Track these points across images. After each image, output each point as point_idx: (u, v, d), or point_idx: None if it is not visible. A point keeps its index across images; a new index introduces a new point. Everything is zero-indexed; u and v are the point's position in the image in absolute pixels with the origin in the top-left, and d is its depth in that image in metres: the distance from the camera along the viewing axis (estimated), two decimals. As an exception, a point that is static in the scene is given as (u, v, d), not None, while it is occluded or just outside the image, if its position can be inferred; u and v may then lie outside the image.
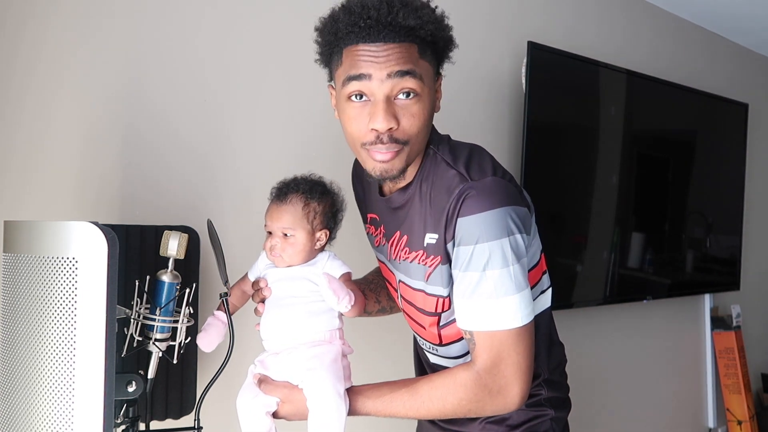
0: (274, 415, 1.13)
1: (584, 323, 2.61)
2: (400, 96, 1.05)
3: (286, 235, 1.17)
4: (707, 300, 3.30)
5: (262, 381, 1.14)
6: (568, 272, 2.49)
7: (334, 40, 1.08)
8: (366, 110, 1.05)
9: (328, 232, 1.21)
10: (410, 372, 1.44)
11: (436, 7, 1.09)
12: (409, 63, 1.04)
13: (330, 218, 1.21)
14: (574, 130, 2.54)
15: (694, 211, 3.14)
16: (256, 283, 1.22)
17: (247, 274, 1.26)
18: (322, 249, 1.21)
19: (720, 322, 3.30)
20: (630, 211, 2.79)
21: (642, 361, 2.95)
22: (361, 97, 1.05)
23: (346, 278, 1.19)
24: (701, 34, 3.26)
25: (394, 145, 1.06)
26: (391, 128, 1.04)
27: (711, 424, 3.29)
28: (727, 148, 3.29)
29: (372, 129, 1.05)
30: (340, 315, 1.19)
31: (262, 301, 1.20)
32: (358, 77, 1.04)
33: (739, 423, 3.19)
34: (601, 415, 2.71)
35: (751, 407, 3.23)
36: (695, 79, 3.04)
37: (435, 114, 1.15)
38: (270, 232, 1.19)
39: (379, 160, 1.07)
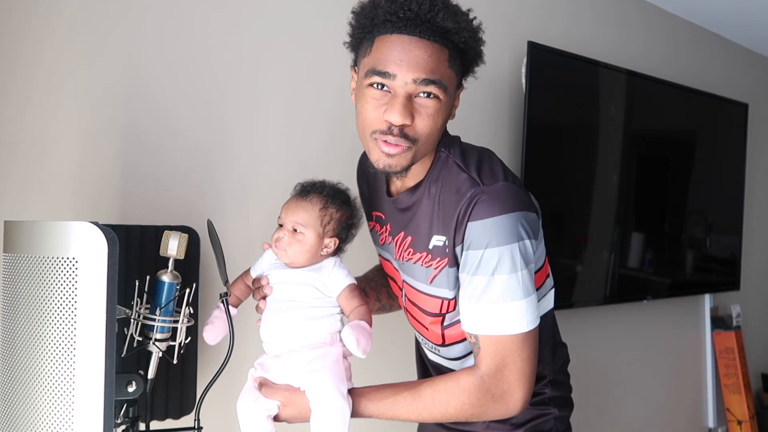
0: (276, 418, 1.13)
1: (584, 323, 2.61)
2: (421, 94, 1.05)
3: (296, 231, 1.16)
4: (707, 300, 3.30)
5: (263, 384, 1.13)
6: (568, 272, 2.49)
7: (369, 25, 1.07)
8: (384, 100, 1.05)
9: (337, 241, 1.19)
10: (411, 372, 1.44)
11: (474, 17, 1.09)
12: (436, 72, 1.03)
13: (343, 229, 1.20)
14: (574, 129, 2.54)
15: (694, 211, 3.14)
16: (257, 280, 1.22)
17: (249, 269, 1.25)
18: (327, 257, 1.20)
19: (720, 322, 3.30)
20: (630, 211, 2.79)
21: (642, 361, 2.95)
22: (382, 86, 1.05)
23: (352, 289, 1.17)
24: (701, 34, 3.26)
25: (403, 140, 1.06)
26: (405, 124, 1.04)
27: (711, 424, 3.29)
28: (727, 148, 3.29)
29: (386, 120, 1.05)
30: (341, 318, 1.18)
31: (264, 298, 1.20)
32: (383, 74, 1.04)
33: (739, 423, 3.19)
34: (601, 414, 2.71)
35: (751, 407, 3.22)
36: (695, 79, 3.04)
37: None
38: (281, 225, 1.18)
39: (385, 152, 1.07)
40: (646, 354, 2.97)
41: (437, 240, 1.11)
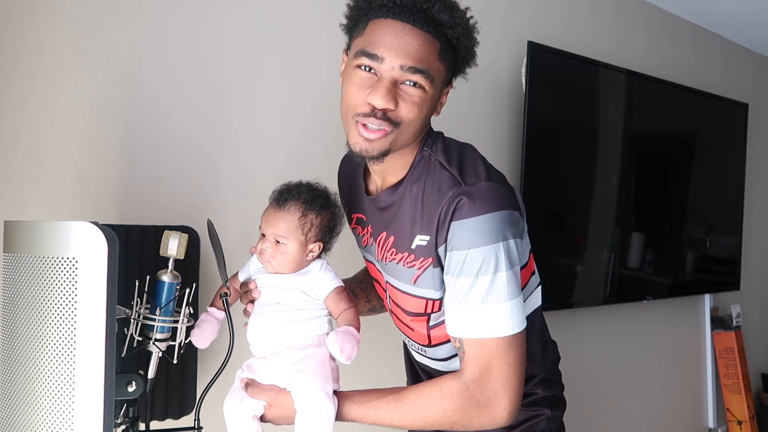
0: (261, 418, 1.12)
1: (584, 323, 2.61)
2: (407, 82, 1.05)
3: (278, 242, 1.15)
4: (707, 300, 3.30)
5: (249, 384, 1.13)
6: (568, 272, 2.49)
7: (366, 8, 1.07)
8: (370, 83, 1.05)
9: (321, 245, 1.18)
10: (402, 373, 1.43)
11: (471, 17, 1.09)
12: (425, 62, 1.03)
13: (326, 232, 1.19)
14: (574, 129, 2.54)
15: (694, 211, 3.14)
16: (245, 284, 1.21)
17: (237, 273, 1.25)
18: (314, 260, 1.19)
19: (720, 322, 3.30)
20: (630, 211, 2.79)
21: (642, 361, 2.95)
22: (370, 69, 1.05)
23: (339, 292, 1.16)
24: (701, 34, 3.26)
25: (386, 124, 1.05)
26: (388, 108, 1.04)
27: (711, 424, 3.29)
28: (727, 148, 3.29)
29: (369, 102, 1.04)
30: (329, 320, 1.18)
31: (252, 302, 1.20)
32: (372, 56, 1.03)
33: (739, 423, 3.19)
34: (600, 415, 2.71)
35: (751, 407, 3.22)
36: (695, 79, 3.04)
37: (434, 117, 1.14)
38: (263, 235, 1.18)
39: (363, 137, 1.06)
40: (646, 354, 2.97)
41: (420, 240, 1.10)
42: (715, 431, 3.28)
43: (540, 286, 1.22)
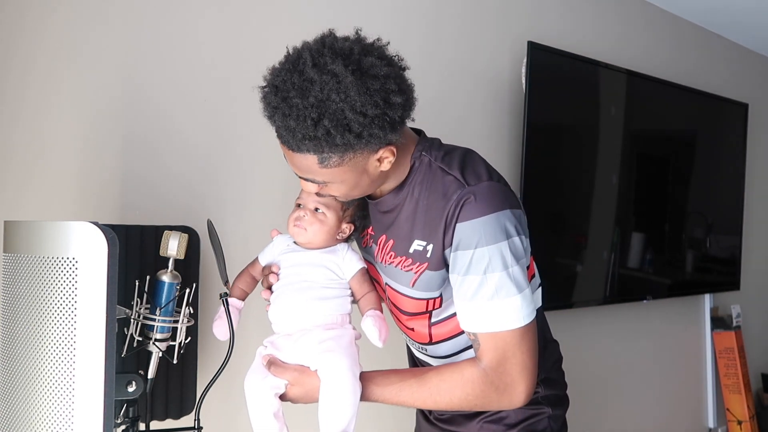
0: (282, 397, 1.13)
1: (584, 323, 2.61)
2: None
3: (317, 210, 1.17)
4: (707, 300, 3.30)
5: (272, 363, 1.13)
6: (568, 272, 2.49)
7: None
8: None
9: (352, 227, 1.22)
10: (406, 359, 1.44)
11: (341, 112, 0.97)
12: (309, 173, 1.06)
13: (359, 218, 1.23)
14: (574, 130, 2.54)
15: (694, 211, 3.14)
16: (267, 268, 1.22)
17: (257, 258, 1.25)
18: (340, 242, 1.22)
19: (720, 322, 3.30)
20: (630, 211, 2.79)
21: (642, 361, 2.95)
22: None
23: (363, 273, 1.20)
24: (701, 34, 3.26)
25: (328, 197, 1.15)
26: (315, 194, 1.13)
27: (711, 424, 3.29)
28: (727, 148, 3.29)
29: None
30: (352, 300, 1.20)
31: (269, 287, 1.20)
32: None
33: (739, 423, 3.19)
34: (601, 415, 2.71)
35: (751, 407, 3.22)
36: (695, 79, 3.04)
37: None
38: (299, 206, 1.19)
39: None
40: (646, 354, 2.97)
41: (418, 245, 1.12)
42: (715, 431, 3.28)
43: (540, 287, 1.24)
